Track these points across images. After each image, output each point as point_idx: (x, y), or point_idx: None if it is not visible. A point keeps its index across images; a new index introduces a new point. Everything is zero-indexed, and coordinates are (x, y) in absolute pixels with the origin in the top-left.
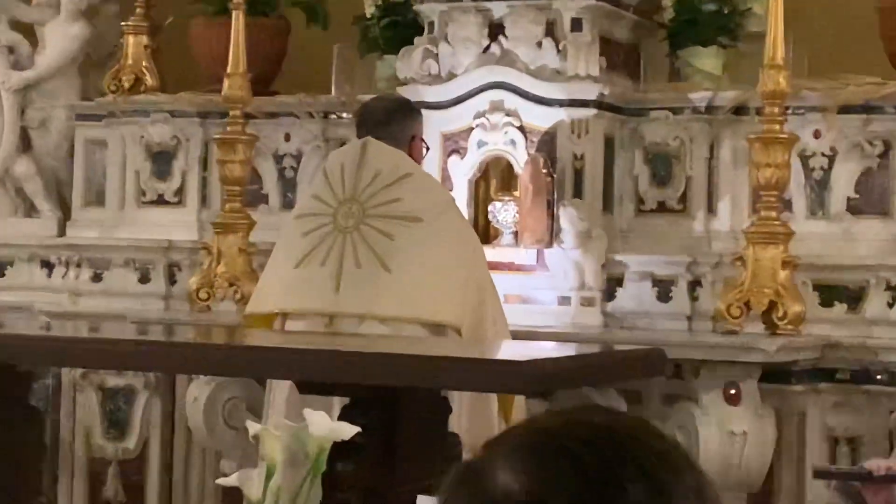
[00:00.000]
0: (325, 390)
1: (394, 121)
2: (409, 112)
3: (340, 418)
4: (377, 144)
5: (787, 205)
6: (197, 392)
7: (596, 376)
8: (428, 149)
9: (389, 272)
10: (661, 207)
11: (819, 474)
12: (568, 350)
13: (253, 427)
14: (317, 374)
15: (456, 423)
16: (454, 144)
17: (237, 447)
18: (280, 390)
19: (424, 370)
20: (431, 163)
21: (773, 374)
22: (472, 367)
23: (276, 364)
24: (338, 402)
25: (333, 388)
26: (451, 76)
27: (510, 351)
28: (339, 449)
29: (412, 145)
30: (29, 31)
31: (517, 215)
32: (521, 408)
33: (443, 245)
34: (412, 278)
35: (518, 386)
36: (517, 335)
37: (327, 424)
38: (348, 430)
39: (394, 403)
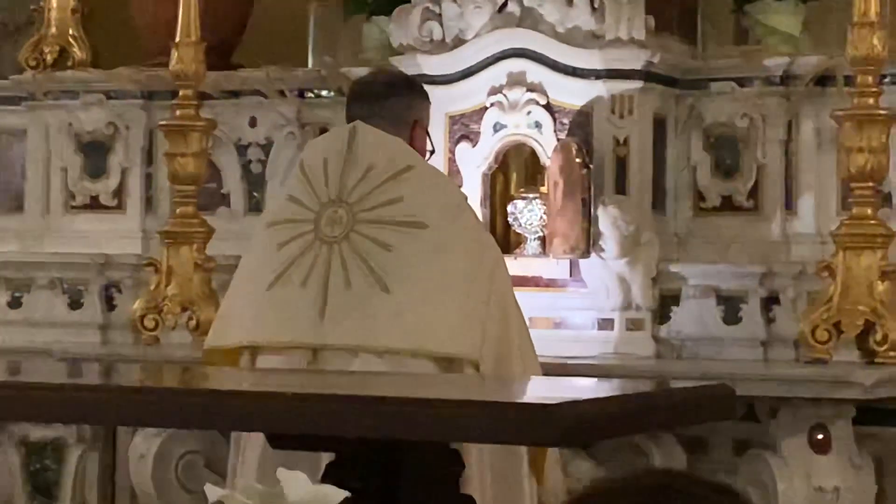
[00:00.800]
0: (305, 445)
1: (393, 95)
2: (414, 89)
3: (325, 479)
4: (369, 130)
5: (887, 199)
6: (144, 446)
7: (646, 421)
8: (433, 152)
9: (388, 293)
10: (727, 205)
11: None
12: (611, 388)
13: (214, 492)
14: (294, 424)
15: (476, 483)
16: (463, 129)
17: None
18: (251, 445)
19: (429, 418)
20: (436, 152)
21: (872, 414)
22: (489, 413)
23: (243, 413)
24: (323, 459)
25: (315, 442)
26: (459, 42)
27: (538, 391)
28: None
29: (414, 133)
30: None
31: (545, 217)
32: (556, 462)
33: (455, 257)
34: (417, 300)
35: (549, 436)
36: (546, 369)
37: (307, 488)
38: (334, 496)
39: (392, 460)
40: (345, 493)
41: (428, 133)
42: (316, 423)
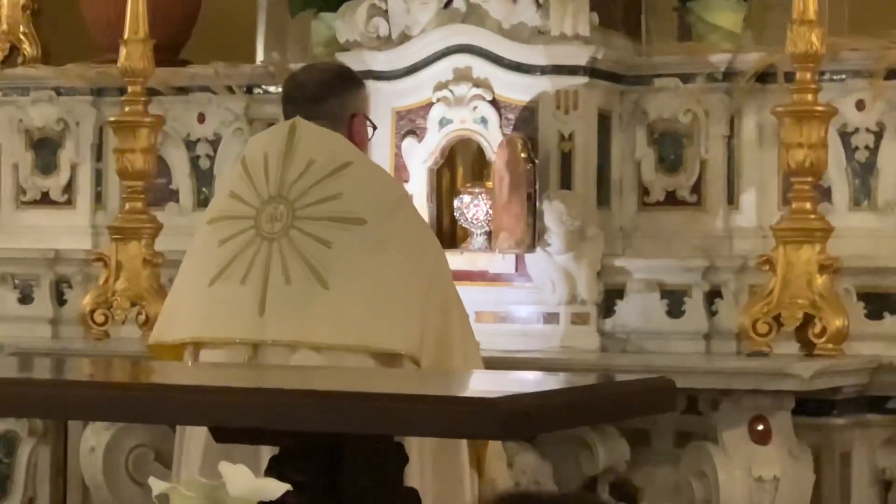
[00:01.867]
0: (248, 438)
1: (329, 95)
2: (348, 84)
3: (268, 473)
4: (308, 127)
5: (826, 194)
6: (94, 440)
7: (587, 414)
8: (375, 128)
9: (327, 289)
10: (671, 199)
11: None
12: (553, 381)
13: (158, 485)
14: (239, 418)
15: (416, 477)
16: (410, 124)
17: None
18: (193, 439)
19: (372, 412)
20: (381, 147)
21: (811, 405)
22: (431, 406)
23: (188, 407)
24: (264, 453)
25: (258, 436)
26: (405, 38)
27: (481, 384)
28: None
29: (353, 125)
30: None
31: (490, 212)
32: (498, 456)
33: (394, 253)
34: (355, 296)
35: (492, 429)
36: (492, 363)
37: (248, 482)
38: (274, 489)
39: (335, 454)
40: (286, 487)
41: (367, 117)
42: (260, 417)
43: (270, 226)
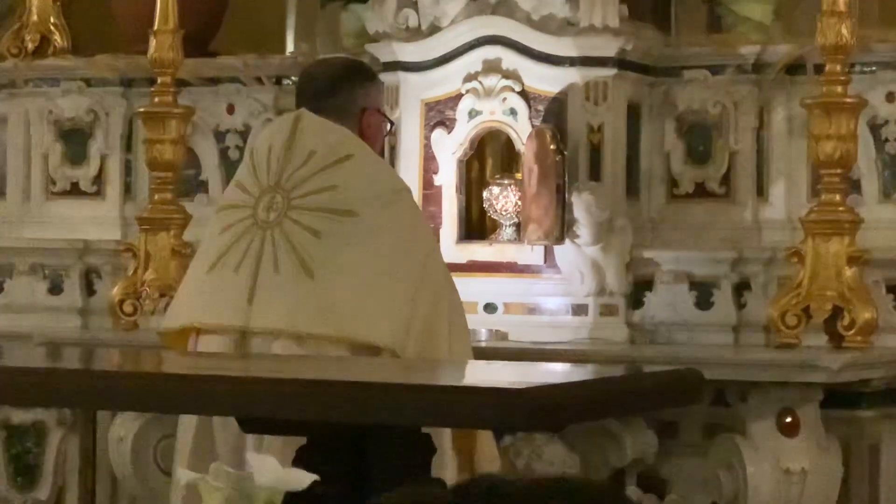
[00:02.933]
0: (275, 428)
1: (339, 90)
2: (358, 78)
3: (296, 463)
4: (313, 119)
5: (856, 186)
6: (123, 430)
7: (615, 406)
8: (391, 124)
9: (312, 279)
10: (700, 191)
11: None
12: (581, 373)
13: (186, 475)
14: (268, 409)
15: None
16: (439, 115)
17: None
18: (185, 423)
19: (400, 403)
20: (411, 138)
21: (839, 398)
22: (459, 397)
23: (215, 397)
24: (248, 440)
25: (286, 426)
26: (434, 29)
27: (508, 376)
28: (295, 501)
29: (364, 120)
30: None
31: (519, 203)
32: (489, 440)
33: (383, 245)
34: (340, 287)
35: (518, 420)
36: (520, 355)
37: (275, 472)
38: (301, 479)
39: (362, 444)
40: (314, 477)
41: (381, 112)
42: (287, 408)
43: (266, 215)
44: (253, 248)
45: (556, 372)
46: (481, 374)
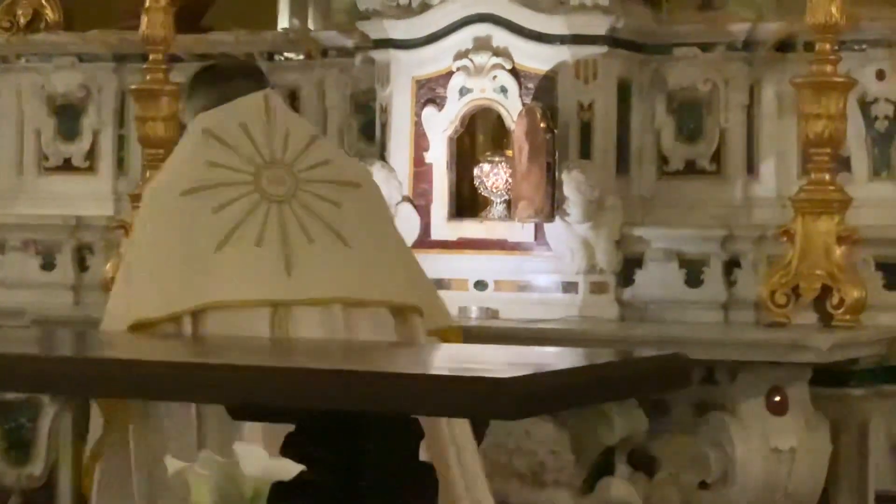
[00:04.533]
0: (265, 416)
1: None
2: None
3: (285, 450)
4: (277, 99)
5: (845, 164)
6: None
7: (602, 393)
8: None
9: (348, 247)
10: (690, 169)
11: (884, 499)
12: (570, 359)
13: (173, 464)
14: (256, 396)
15: None
16: (430, 93)
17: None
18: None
19: (389, 391)
20: (401, 115)
21: (828, 376)
22: (447, 386)
23: (203, 385)
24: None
25: (274, 413)
26: (425, 7)
27: (498, 362)
28: (283, 490)
29: None
30: None
31: (510, 181)
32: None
33: (385, 215)
34: (372, 253)
35: (507, 409)
36: (510, 334)
37: (263, 461)
38: (287, 470)
39: (352, 430)
40: (300, 467)
41: None
42: (277, 395)
43: (275, 189)
44: (271, 221)
45: (544, 358)
46: (470, 360)
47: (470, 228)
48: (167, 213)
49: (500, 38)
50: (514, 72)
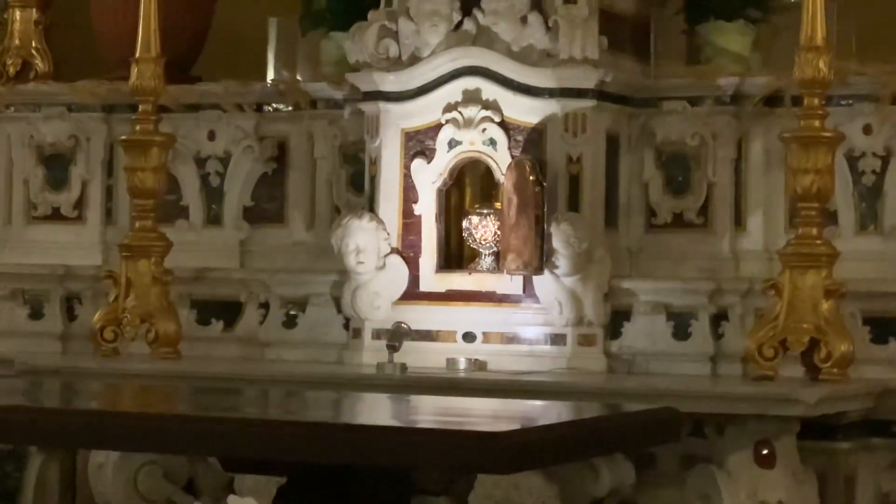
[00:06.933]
0: (256, 468)
1: None
2: None
3: (276, 501)
4: None
5: (832, 218)
6: (102, 456)
7: (595, 447)
8: None
9: None
10: (678, 222)
11: None
12: (561, 413)
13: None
14: (247, 449)
15: None
16: (419, 145)
17: None
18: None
19: (382, 445)
20: (391, 168)
21: (816, 430)
22: (443, 440)
23: (194, 437)
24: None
25: (266, 465)
26: (414, 59)
27: (486, 415)
28: None
29: None
30: None
31: (499, 233)
32: None
33: None
34: None
35: (502, 463)
36: (500, 386)
37: None
38: None
39: (343, 483)
40: None
41: None
42: (267, 448)
43: None
44: None
45: (531, 411)
46: (459, 412)
47: (458, 280)
48: None
49: (490, 91)
50: (503, 124)
